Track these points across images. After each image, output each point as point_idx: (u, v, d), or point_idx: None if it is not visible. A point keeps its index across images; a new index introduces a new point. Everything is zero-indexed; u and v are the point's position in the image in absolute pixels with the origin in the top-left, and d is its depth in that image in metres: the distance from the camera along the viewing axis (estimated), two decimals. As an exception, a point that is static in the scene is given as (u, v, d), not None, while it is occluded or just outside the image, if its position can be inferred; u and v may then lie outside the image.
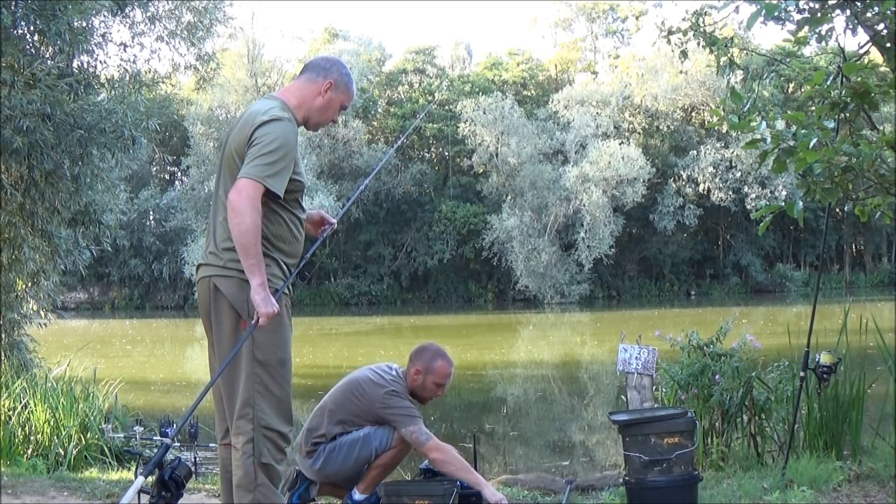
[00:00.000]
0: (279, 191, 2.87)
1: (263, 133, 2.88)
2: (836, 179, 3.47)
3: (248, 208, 2.78)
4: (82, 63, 7.72)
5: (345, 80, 3.14)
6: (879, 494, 4.02)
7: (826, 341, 5.03)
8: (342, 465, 3.78)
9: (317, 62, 3.18)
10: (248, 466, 2.89)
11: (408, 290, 39.44)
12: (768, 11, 3.31)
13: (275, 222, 2.98)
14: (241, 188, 2.81)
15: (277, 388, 2.95)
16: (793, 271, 39.56)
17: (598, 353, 16.83)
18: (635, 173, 34.05)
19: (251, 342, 2.89)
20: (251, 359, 2.90)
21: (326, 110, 3.12)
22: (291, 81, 3.19)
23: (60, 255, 7.82)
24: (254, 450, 2.89)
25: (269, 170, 2.84)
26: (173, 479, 2.61)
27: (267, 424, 2.91)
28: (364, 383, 3.85)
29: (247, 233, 2.78)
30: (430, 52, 43.50)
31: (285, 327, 3.00)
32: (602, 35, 46.06)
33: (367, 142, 38.98)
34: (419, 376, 3.88)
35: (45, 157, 6.83)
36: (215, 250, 2.99)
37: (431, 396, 3.96)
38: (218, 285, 2.94)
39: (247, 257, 2.80)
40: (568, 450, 8.13)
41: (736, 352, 4.98)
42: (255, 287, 2.79)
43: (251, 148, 2.88)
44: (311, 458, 3.82)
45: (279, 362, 2.96)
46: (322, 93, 3.09)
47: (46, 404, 6.14)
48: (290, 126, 2.97)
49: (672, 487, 3.79)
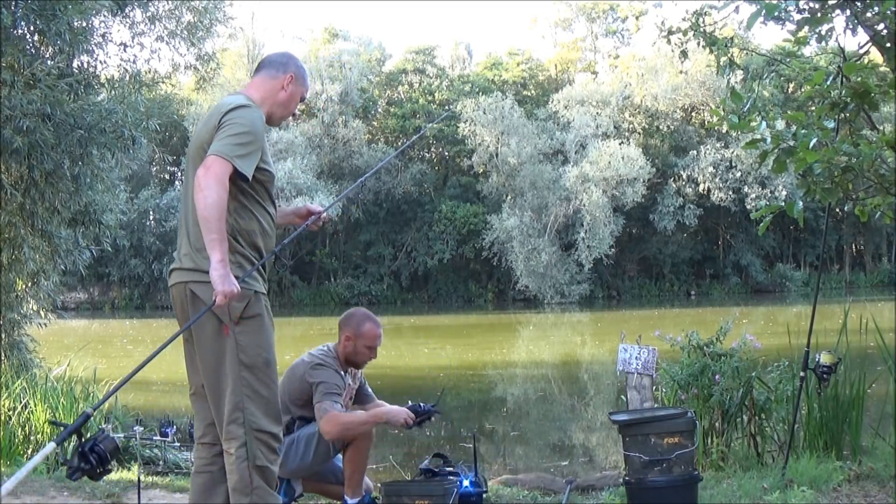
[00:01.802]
0: (247, 172, 2.85)
1: (232, 117, 2.89)
2: (836, 179, 3.47)
3: (214, 182, 2.74)
4: (82, 63, 7.71)
5: (302, 72, 3.21)
6: (879, 494, 4.02)
7: (826, 341, 5.04)
8: (303, 461, 3.77)
9: (273, 58, 3.21)
10: (242, 470, 2.89)
11: (408, 290, 39.43)
12: (768, 11, 3.31)
13: (245, 217, 2.96)
14: (209, 164, 2.77)
15: (265, 389, 2.95)
16: (793, 271, 39.56)
17: (598, 353, 16.83)
18: (635, 173, 34.06)
19: (235, 346, 2.88)
20: (237, 363, 2.89)
21: (289, 103, 3.17)
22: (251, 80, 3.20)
23: (60, 255, 7.81)
24: (247, 453, 2.88)
25: (238, 150, 2.82)
26: (96, 452, 2.48)
27: (258, 427, 2.91)
28: (297, 364, 3.87)
29: (212, 207, 2.72)
30: (430, 52, 43.49)
31: (267, 327, 2.99)
32: (602, 35, 46.10)
33: (367, 142, 38.99)
34: (349, 342, 3.88)
35: (45, 157, 6.82)
36: (189, 251, 2.94)
37: (365, 360, 3.94)
38: (196, 291, 2.89)
39: (209, 232, 2.73)
40: (568, 450, 8.13)
41: (736, 352, 4.98)
42: (215, 263, 2.72)
43: (221, 129, 2.86)
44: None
45: (265, 363, 2.95)
46: (284, 86, 3.13)
47: (46, 404, 6.14)
48: (258, 114, 2.98)
49: (672, 487, 3.79)
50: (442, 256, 37.80)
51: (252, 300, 2.92)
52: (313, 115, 39.03)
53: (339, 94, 37.82)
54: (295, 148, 35.55)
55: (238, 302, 2.85)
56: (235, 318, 2.88)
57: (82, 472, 2.47)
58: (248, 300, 2.90)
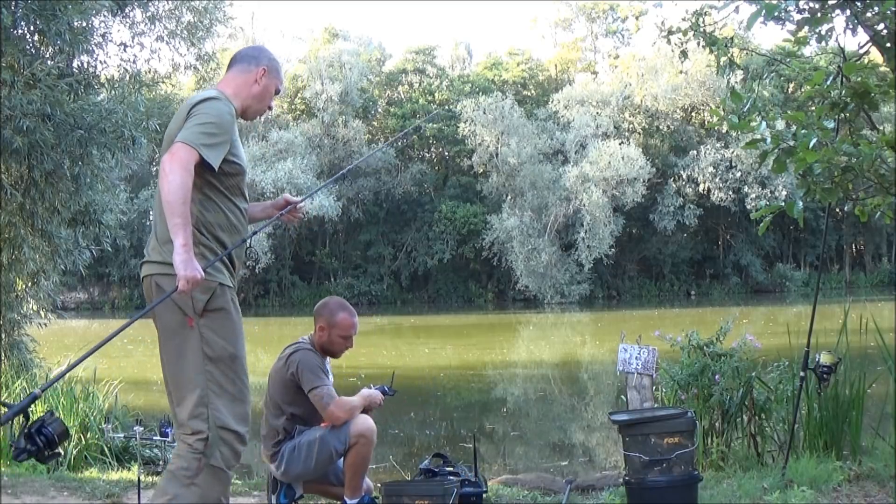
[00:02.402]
0: (213, 162, 2.81)
1: (200, 109, 2.86)
2: (836, 179, 3.48)
3: (178, 168, 2.69)
4: (82, 63, 7.71)
5: (275, 65, 3.16)
6: (879, 494, 4.02)
7: (826, 341, 5.04)
8: (305, 467, 3.73)
9: (245, 52, 3.17)
10: (192, 461, 2.77)
11: (408, 290, 39.43)
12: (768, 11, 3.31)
13: (211, 210, 2.91)
14: (174, 151, 2.73)
15: (231, 385, 2.85)
16: (793, 271, 39.57)
17: (598, 353, 16.83)
18: (635, 173, 34.06)
19: (199, 339, 2.81)
20: (201, 356, 2.81)
21: (264, 97, 3.13)
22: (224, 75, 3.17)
23: (60, 255, 7.81)
24: (205, 449, 2.78)
25: (205, 139, 2.78)
26: (43, 434, 2.42)
27: (223, 424, 2.81)
28: (277, 363, 3.80)
29: (175, 191, 2.66)
30: (430, 52, 43.49)
31: (234, 321, 2.91)
32: (602, 35, 46.11)
33: (367, 142, 38.97)
34: (324, 332, 3.83)
35: (45, 157, 6.82)
36: (156, 244, 2.91)
37: (341, 350, 3.89)
38: (160, 283, 2.84)
39: (172, 216, 2.66)
40: (568, 450, 8.13)
41: (736, 352, 4.99)
42: (177, 248, 2.64)
43: (189, 119, 2.84)
44: (276, 462, 3.76)
45: (230, 358, 2.86)
46: (258, 80, 3.09)
47: (46, 404, 6.13)
48: (228, 107, 2.95)
49: (672, 487, 3.79)
50: (442, 256, 37.80)
51: (217, 292, 2.85)
52: (313, 115, 39.05)
53: (339, 94, 37.82)
54: (295, 148, 35.55)
55: (201, 294, 2.78)
56: (199, 310, 2.80)
57: (28, 454, 2.41)
58: (212, 292, 2.83)
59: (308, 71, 39.24)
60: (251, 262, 34.54)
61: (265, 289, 38.41)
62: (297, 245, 39.58)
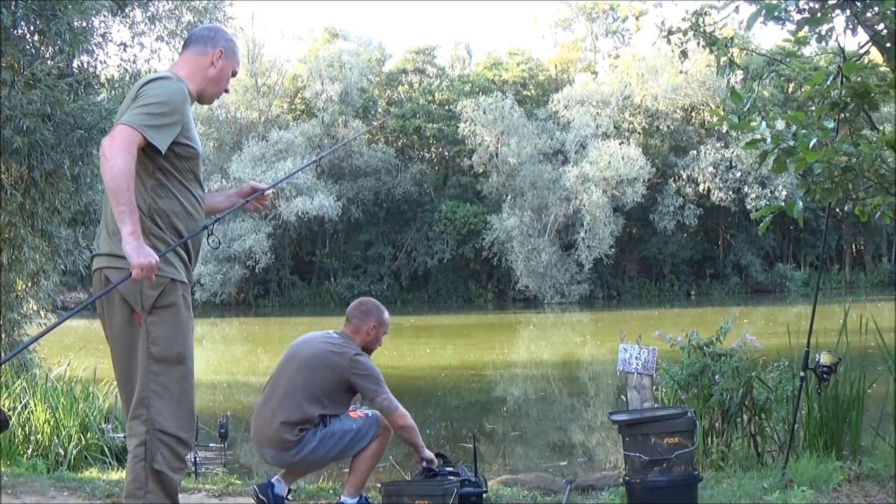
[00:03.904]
0: (160, 145, 2.66)
1: (148, 89, 2.73)
2: (836, 179, 3.48)
3: (119, 151, 2.54)
4: (82, 63, 7.71)
5: (232, 45, 3.02)
6: (879, 494, 4.02)
7: (826, 341, 5.04)
8: (326, 454, 3.74)
9: (201, 33, 3.03)
10: (138, 471, 2.66)
11: (408, 290, 39.42)
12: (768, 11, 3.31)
13: (164, 196, 2.76)
14: (114, 133, 2.59)
15: (176, 387, 2.72)
16: (793, 271, 39.56)
17: (598, 353, 16.83)
18: (635, 173, 34.05)
19: (146, 337, 2.68)
20: (146, 355, 2.69)
21: (220, 80, 3.00)
22: (178, 57, 3.03)
23: (60, 255, 7.81)
24: (146, 454, 2.65)
25: (150, 119, 2.64)
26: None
27: (162, 427, 2.68)
28: (327, 354, 3.80)
29: (118, 176, 2.52)
30: (430, 52, 43.49)
31: (184, 320, 2.77)
32: (602, 35, 46.09)
33: (367, 142, 38.98)
34: (374, 331, 3.92)
35: (45, 157, 6.82)
36: (107, 237, 2.76)
37: (376, 347, 4.00)
38: (109, 277, 2.69)
39: (117, 203, 2.52)
40: (568, 450, 8.13)
41: (736, 352, 4.98)
42: (126, 236, 2.52)
43: (135, 101, 2.70)
44: (296, 447, 3.71)
45: (177, 358, 2.73)
46: (214, 62, 2.96)
47: (46, 404, 6.14)
48: (179, 87, 2.81)
49: (672, 487, 3.79)
50: (442, 256, 37.79)
51: (167, 288, 2.71)
52: (313, 115, 39.05)
53: (339, 94, 37.81)
54: (295, 148, 35.55)
55: (151, 290, 2.66)
56: (148, 306, 2.68)
57: None
58: (163, 287, 2.69)
59: (308, 71, 39.26)
60: (251, 262, 34.59)
61: (265, 289, 38.41)
62: (297, 245, 39.57)
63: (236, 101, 39.07)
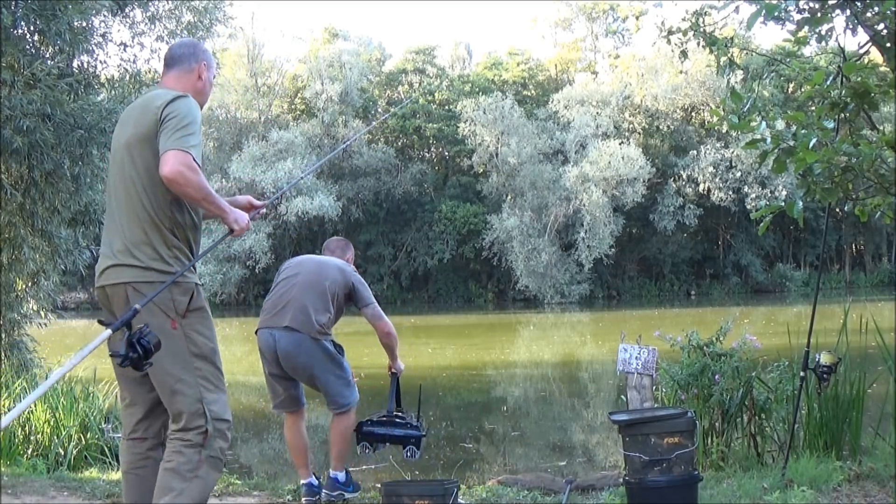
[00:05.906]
0: (199, 161, 2.87)
1: (176, 107, 2.89)
2: (836, 179, 3.48)
3: (186, 169, 2.78)
4: (82, 63, 7.71)
5: (209, 55, 3.23)
6: (879, 494, 4.02)
7: (826, 341, 5.04)
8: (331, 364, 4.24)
9: (182, 52, 3.16)
10: (192, 455, 2.86)
11: (408, 289, 39.43)
12: (768, 11, 3.31)
13: (181, 211, 2.97)
14: (173, 159, 2.78)
15: (216, 378, 2.98)
16: (793, 271, 39.56)
17: (598, 353, 16.83)
18: (635, 173, 34.05)
19: (185, 339, 2.89)
20: (189, 355, 2.90)
21: (206, 90, 3.20)
22: (163, 79, 3.16)
23: (60, 255, 7.81)
24: (205, 441, 2.88)
25: (191, 140, 2.84)
26: (141, 344, 2.58)
27: (218, 416, 2.93)
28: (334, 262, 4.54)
29: (202, 188, 2.82)
30: (430, 52, 43.49)
31: (210, 318, 3.03)
32: (602, 35, 46.08)
33: (367, 142, 38.99)
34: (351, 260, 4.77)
35: (45, 157, 6.82)
36: (127, 248, 2.89)
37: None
38: (142, 291, 2.83)
39: (216, 207, 2.91)
40: (568, 450, 8.12)
41: (736, 352, 4.98)
42: (229, 221, 2.98)
43: (166, 123, 2.85)
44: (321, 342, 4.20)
45: (212, 353, 2.99)
46: (200, 76, 3.16)
47: (46, 404, 6.13)
48: (195, 104, 3.00)
49: (672, 487, 3.79)
50: (442, 256, 37.79)
51: (195, 292, 2.96)
52: (313, 115, 39.05)
53: (339, 94, 37.82)
54: (295, 148, 35.55)
55: (182, 296, 2.89)
56: (182, 311, 2.89)
57: (130, 361, 2.58)
58: (191, 293, 2.93)
59: (308, 71, 39.25)
60: (251, 263, 34.59)
61: (265, 289, 38.22)
62: (297, 245, 39.55)
63: (236, 101, 39.09)
